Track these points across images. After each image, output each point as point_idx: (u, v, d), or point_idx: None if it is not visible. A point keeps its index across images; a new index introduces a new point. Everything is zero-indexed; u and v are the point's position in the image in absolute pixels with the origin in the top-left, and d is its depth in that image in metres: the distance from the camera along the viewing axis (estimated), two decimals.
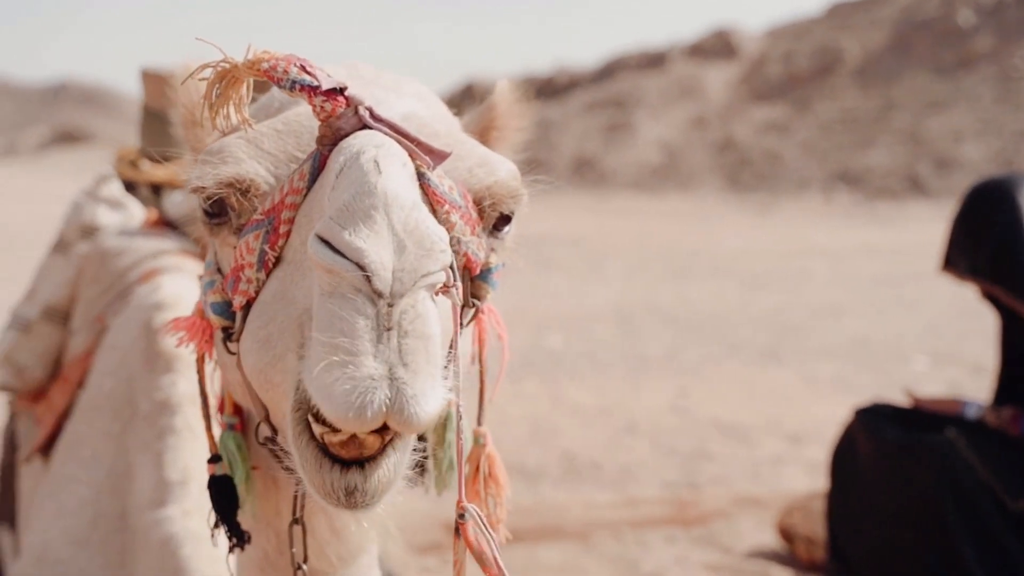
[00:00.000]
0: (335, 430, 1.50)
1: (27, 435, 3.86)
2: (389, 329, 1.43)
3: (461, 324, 1.80)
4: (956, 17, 45.83)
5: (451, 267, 1.52)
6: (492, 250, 1.89)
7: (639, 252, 22.55)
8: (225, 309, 1.82)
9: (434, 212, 1.71)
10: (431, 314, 1.46)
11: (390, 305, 1.43)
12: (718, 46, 53.94)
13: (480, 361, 2.09)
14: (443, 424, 2.12)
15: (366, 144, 1.60)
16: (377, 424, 1.43)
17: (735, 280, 18.10)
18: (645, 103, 49.94)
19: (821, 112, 44.88)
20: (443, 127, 1.88)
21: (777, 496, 6.60)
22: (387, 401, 1.41)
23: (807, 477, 7.29)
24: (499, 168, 1.86)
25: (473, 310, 1.86)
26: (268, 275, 1.73)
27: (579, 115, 49.79)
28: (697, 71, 52.15)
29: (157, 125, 4.24)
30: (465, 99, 2.19)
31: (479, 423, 2.09)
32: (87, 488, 3.01)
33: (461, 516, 1.68)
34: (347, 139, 1.65)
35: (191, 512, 2.76)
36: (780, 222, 31.02)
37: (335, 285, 1.45)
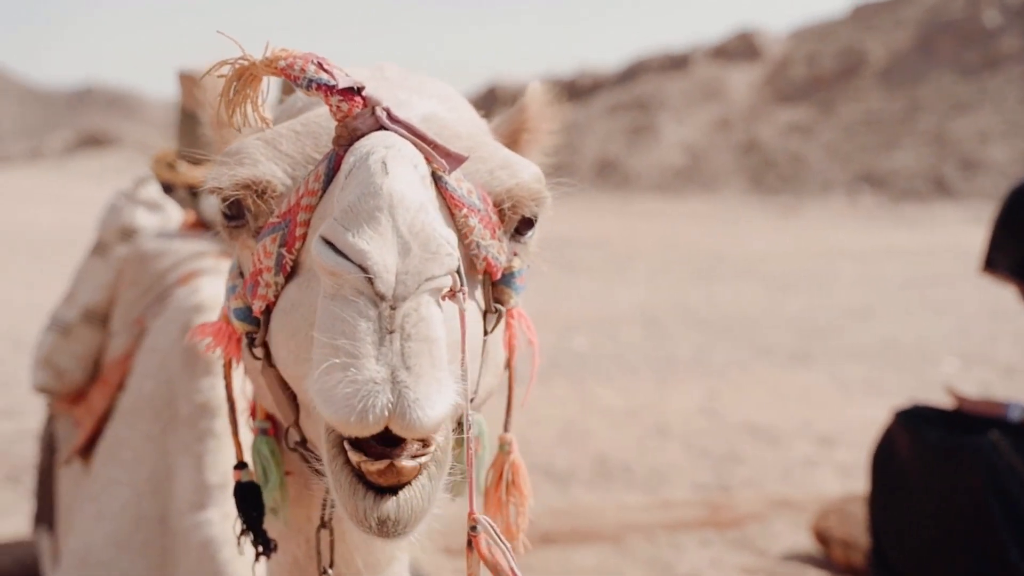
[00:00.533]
0: (373, 459, 1.48)
1: (66, 437, 3.86)
2: (391, 332, 1.41)
3: (486, 331, 1.80)
4: (981, 18, 45.57)
5: (458, 271, 1.49)
6: (515, 254, 1.86)
7: (663, 254, 22.50)
8: (247, 314, 1.80)
9: (452, 216, 1.70)
10: (435, 318, 1.44)
11: (393, 308, 1.41)
12: (741, 48, 53.81)
13: (510, 367, 2.06)
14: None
15: (377, 145, 1.57)
16: (379, 428, 1.41)
17: (761, 282, 18.03)
18: (668, 105, 49.86)
19: (845, 114, 44.70)
20: (465, 129, 1.86)
21: (811, 498, 6.55)
22: (389, 405, 1.38)
23: (839, 479, 7.25)
24: (522, 171, 1.82)
25: (496, 315, 1.83)
26: (287, 279, 1.71)
27: (602, 118, 49.73)
28: (720, 73, 52.04)
29: (194, 126, 4.24)
30: (488, 102, 2.17)
31: (505, 429, 2.06)
32: (128, 491, 3.00)
33: (473, 528, 1.64)
34: (361, 140, 1.63)
35: (231, 515, 2.75)
36: (804, 224, 30.89)
37: (338, 287, 1.44)
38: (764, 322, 14.04)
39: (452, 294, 1.49)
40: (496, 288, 1.83)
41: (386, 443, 1.49)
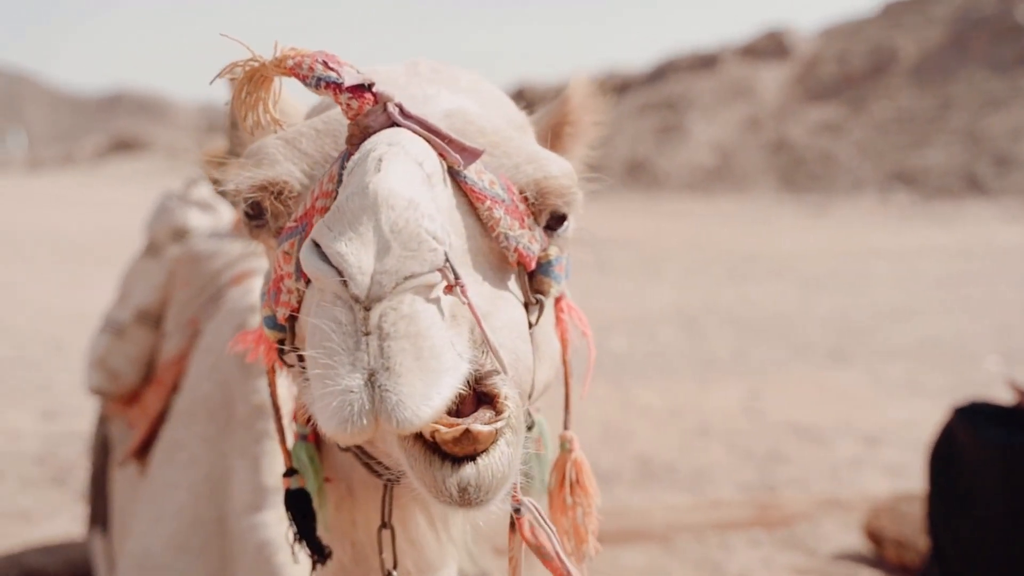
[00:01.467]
0: (446, 426, 1.44)
1: (120, 439, 3.85)
2: (367, 334, 1.37)
3: (530, 323, 1.76)
4: (1014, 13, 45.22)
5: (448, 267, 1.44)
6: (552, 244, 1.82)
7: (695, 254, 22.41)
8: (274, 322, 1.77)
9: (475, 210, 1.68)
10: (420, 314, 1.39)
11: (367, 309, 1.37)
12: (771, 47, 53.58)
13: (564, 362, 2.02)
14: (538, 429, 2.06)
15: (379, 142, 1.54)
16: (367, 434, 1.38)
17: (795, 281, 17.93)
18: (698, 105, 49.71)
19: (876, 112, 44.45)
20: (491, 125, 1.82)
21: (860, 498, 6.49)
22: (367, 409, 1.35)
23: (886, 479, 7.18)
24: (549, 165, 1.80)
25: (538, 306, 1.79)
26: (308, 283, 1.67)
27: (631, 117, 49.62)
28: (750, 72, 51.85)
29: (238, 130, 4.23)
30: (517, 102, 2.14)
31: (565, 427, 2.02)
32: (186, 493, 2.98)
33: (516, 510, 1.61)
34: (370, 137, 1.60)
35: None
36: (836, 223, 30.71)
37: (320, 293, 1.41)
38: (800, 321, 13.95)
39: (449, 289, 1.45)
40: (535, 279, 1.80)
41: (456, 415, 1.47)
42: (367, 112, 1.64)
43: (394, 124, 1.63)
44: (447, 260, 1.44)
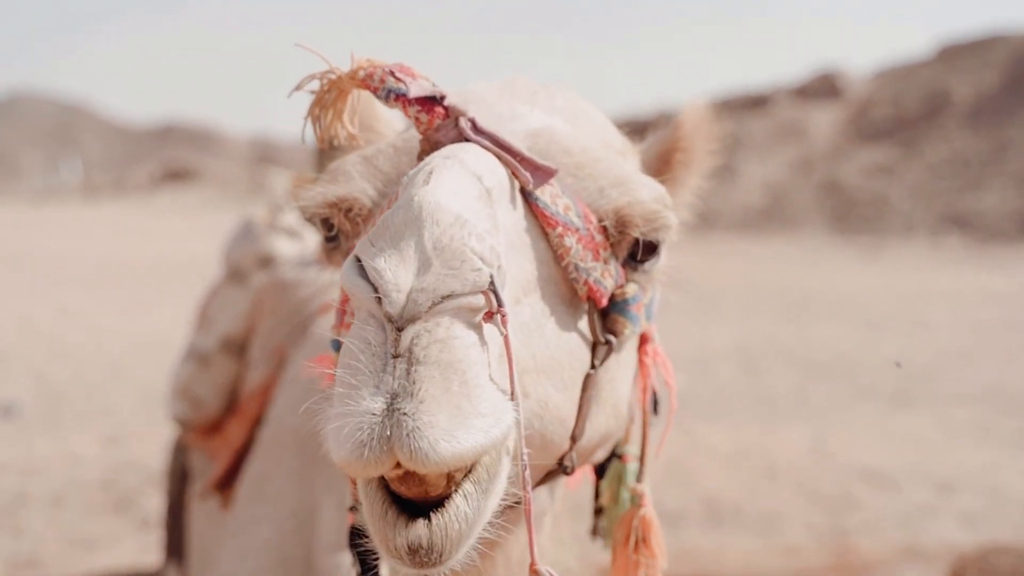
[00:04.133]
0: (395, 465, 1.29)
1: (201, 470, 3.78)
2: (396, 356, 1.25)
3: (593, 364, 1.65)
4: None
5: (493, 290, 1.30)
6: (630, 281, 1.72)
7: (751, 293, 22.21)
8: (339, 346, 1.64)
9: (545, 235, 1.58)
10: (457, 340, 1.27)
11: (399, 329, 1.25)
12: (824, 88, 53.41)
13: (643, 410, 1.91)
14: (617, 479, 1.95)
15: (436, 155, 1.44)
16: (384, 465, 1.23)
17: (852, 323, 17.69)
18: (749, 145, 49.56)
19: (929, 154, 44.11)
20: (579, 145, 1.72)
21: (941, 547, 6.32)
22: (384, 437, 1.21)
23: (962, 528, 7.00)
24: (637, 189, 1.69)
25: (606, 347, 1.67)
26: None
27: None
28: (802, 113, 51.63)
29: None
30: None
31: (638, 480, 1.91)
32: (271, 529, 2.90)
33: None
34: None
35: None
36: (888, 265, 30.39)
37: (357, 311, 1.31)
38: (861, 363, 13.73)
39: (489, 316, 1.31)
40: (608, 317, 1.68)
41: None
42: (437, 126, 1.56)
43: (466, 140, 1.54)
44: (492, 283, 1.31)
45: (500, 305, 1.32)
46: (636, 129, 2.08)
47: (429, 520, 1.30)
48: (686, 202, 2.13)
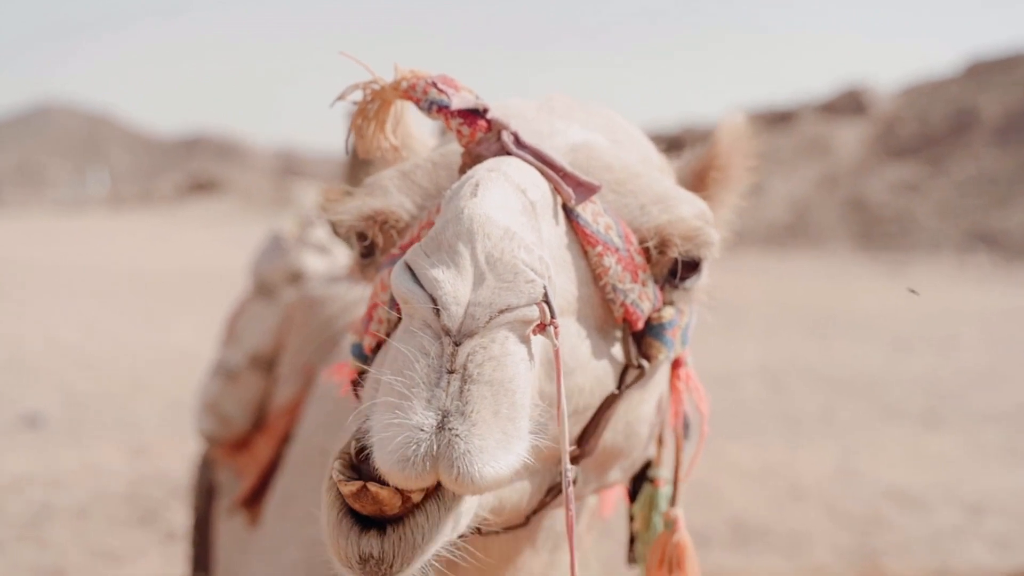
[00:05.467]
0: (349, 479, 1.30)
1: (228, 487, 3.76)
2: (451, 372, 1.23)
3: (619, 385, 1.62)
4: None
5: (546, 302, 1.29)
6: (667, 303, 1.68)
7: (776, 310, 22.10)
8: (359, 351, 1.66)
9: (584, 253, 1.56)
10: (510, 357, 1.25)
11: (457, 344, 1.24)
12: (850, 104, 53.24)
13: (676, 435, 1.88)
14: (649, 504, 1.91)
15: (480, 168, 1.41)
16: (425, 481, 1.22)
17: (878, 341, 17.57)
18: (774, 161, 49.44)
19: (956, 172, 43.88)
20: (619, 162, 1.70)
21: (971, 570, 6.24)
22: (432, 456, 1.20)
23: (993, 551, 6.91)
24: (679, 206, 1.66)
25: (637, 371, 1.63)
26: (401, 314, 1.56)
27: None
28: (828, 129, 51.48)
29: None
30: None
31: (672, 503, 1.89)
32: (299, 549, 2.87)
33: None
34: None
35: None
36: (914, 283, 30.20)
37: (409, 319, 1.28)
38: (888, 382, 13.62)
39: (541, 328, 1.29)
40: (643, 341, 1.65)
41: None
42: (479, 140, 1.54)
43: (507, 153, 1.51)
44: (546, 295, 1.29)
45: (553, 316, 1.30)
46: (661, 144, 2.05)
47: (383, 532, 1.29)
48: (724, 220, 2.08)
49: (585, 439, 1.63)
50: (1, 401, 10.88)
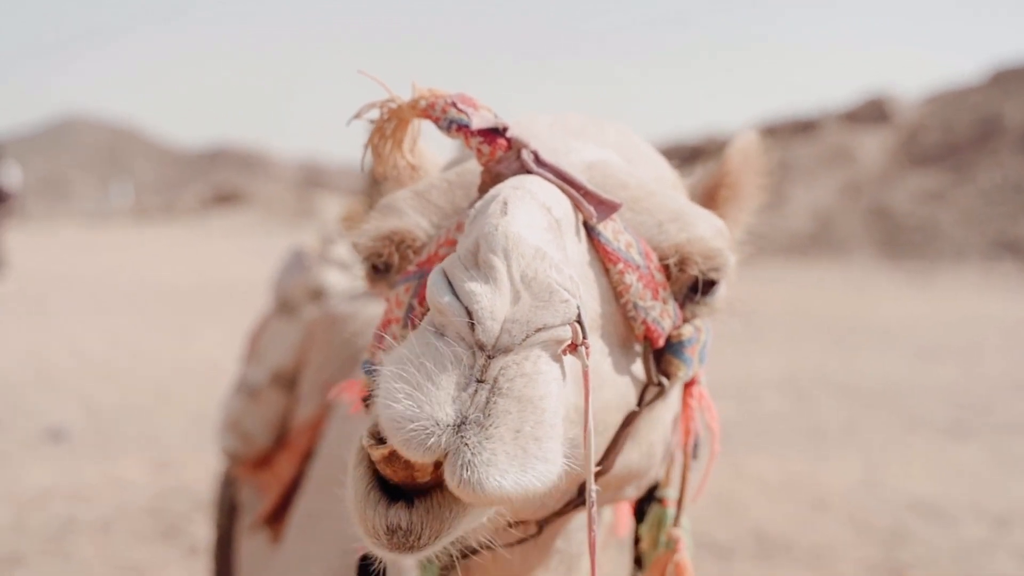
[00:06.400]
0: (380, 442, 1.29)
1: (250, 504, 3.77)
2: (481, 382, 1.23)
3: (639, 403, 1.62)
4: None
5: (579, 322, 1.29)
6: (686, 320, 1.68)
7: (798, 320, 22.01)
8: (371, 369, 1.63)
9: (605, 271, 1.56)
10: (542, 376, 1.25)
11: (490, 357, 1.24)
12: (873, 113, 53.04)
13: (685, 454, 1.88)
14: (657, 524, 1.91)
15: (504, 186, 1.42)
16: (421, 459, 1.22)
17: (902, 351, 17.46)
18: (797, 169, 49.28)
19: (981, 179, 43.65)
20: (635, 180, 1.70)
21: None
22: (439, 447, 1.20)
23: (1019, 565, 6.87)
24: (696, 224, 1.66)
25: (658, 389, 1.64)
26: (414, 328, 1.55)
27: None
28: (850, 138, 51.28)
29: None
30: None
31: (675, 523, 1.88)
32: (321, 568, 2.88)
33: None
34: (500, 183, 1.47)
35: None
36: (939, 292, 30.02)
37: (441, 326, 1.27)
38: (913, 392, 13.52)
39: (573, 348, 1.30)
40: (662, 358, 1.65)
41: None
42: (499, 158, 1.54)
43: (527, 172, 1.52)
44: (579, 315, 1.30)
45: (584, 336, 1.30)
46: (684, 154, 2.05)
47: (411, 504, 1.30)
48: (736, 238, 2.09)
49: (606, 456, 1.64)
50: (26, 414, 10.94)
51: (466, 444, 1.20)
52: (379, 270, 1.74)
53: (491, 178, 1.56)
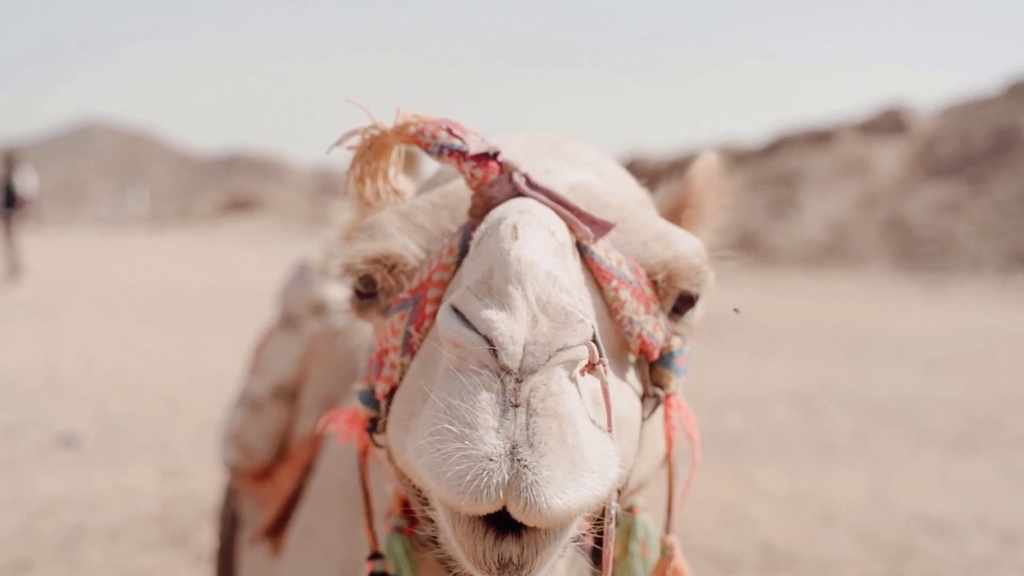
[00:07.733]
0: None
1: (251, 516, 3.79)
2: (516, 406, 1.26)
3: (642, 416, 1.66)
4: None
5: (595, 341, 1.34)
6: (674, 333, 1.72)
7: (810, 331, 21.97)
8: (370, 398, 1.69)
9: (600, 289, 1.60)
10: (567, 393, 1.29)
11: (519, 381, 1.26)
12: (889, 124, 52.91)
13: (670, 463, 1.90)
14: (626, 531, 1.93)
15: (510, 210, 1.45)
16: (491, 508, 1.25)
17: (915, 364, 17.41)
18: (812, 180, 49.18)
19: (998, 191, 43.51)
20: (616, 200, 1.74)
21: None
22: (501, 484, 1.23)
23: None
24: (678, 243, 1.70)
25: (654, 400, 1.68)
26: (413, 359, 1.58)
27: (744, 192, 49.17)
28: (866, 149, 51.17)
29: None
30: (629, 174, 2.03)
31: (667, 531, 1.89)
32: None
33: None
34: (496, 208, 1.50)
35: None
36: (954, 304, 29.91)
37: (461, 360, 1.30)
38: (924, 406, 13.49)
39: (591, 367, 1.34)
40: (655, 370, 1.70)
41: None
42: (491, 182, 1.57)
43: (519, 195, 1.54)
44: (594, 334, 1.34)
45: (601, 355, 1.35)
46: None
47: (519, 536, 1.32)
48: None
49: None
50: (37, 421, 10.99)
51: (525, 466, 1.24)
52: (363, 296, 1.76)
53: (483, 201, 1.58)
